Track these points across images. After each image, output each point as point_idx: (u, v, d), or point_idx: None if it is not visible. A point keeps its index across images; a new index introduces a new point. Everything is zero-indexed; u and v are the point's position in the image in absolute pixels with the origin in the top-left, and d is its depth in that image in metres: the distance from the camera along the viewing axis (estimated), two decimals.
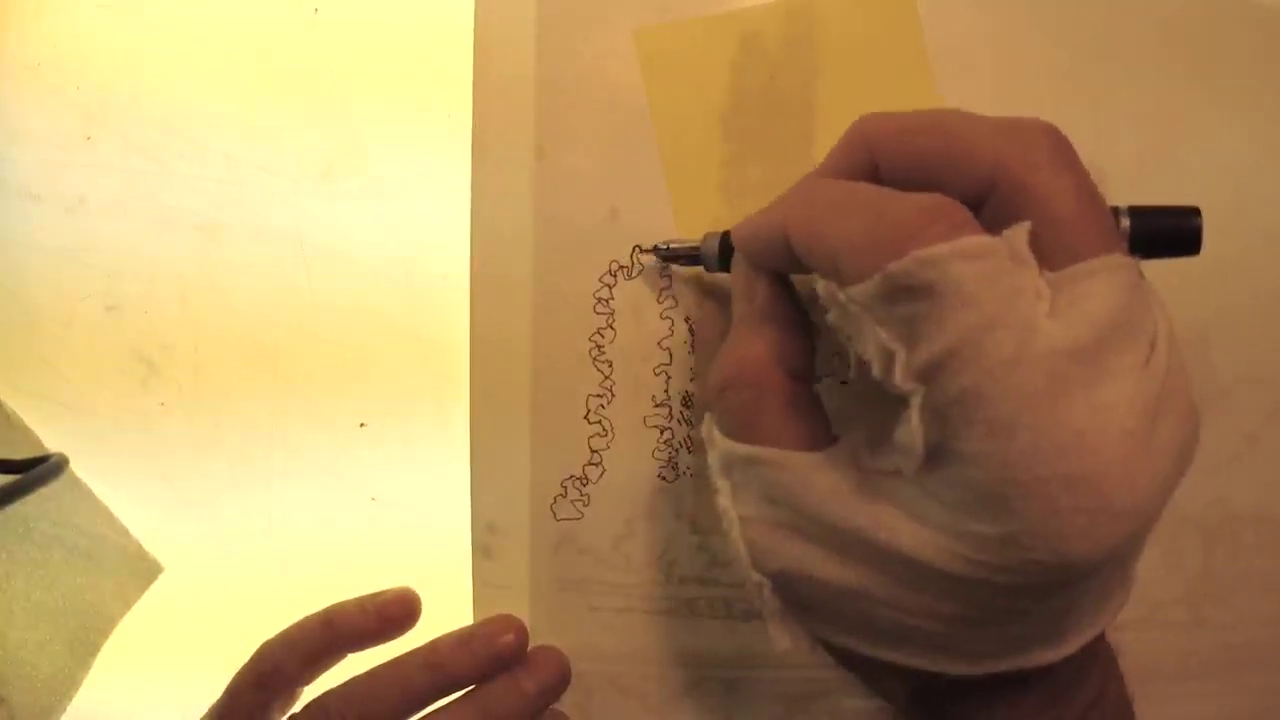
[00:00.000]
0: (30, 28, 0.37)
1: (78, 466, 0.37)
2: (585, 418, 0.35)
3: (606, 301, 0.34)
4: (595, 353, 0.35)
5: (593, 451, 0.35)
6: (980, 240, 0.21)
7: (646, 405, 0.35)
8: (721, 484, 0.26)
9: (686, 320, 0.34)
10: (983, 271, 0.20)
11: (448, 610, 0.36)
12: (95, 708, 0.39)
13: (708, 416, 0.27)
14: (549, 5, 0.33)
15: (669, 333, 0.34)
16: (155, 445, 0.38)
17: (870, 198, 0.23)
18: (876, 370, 0.22)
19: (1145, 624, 0.37)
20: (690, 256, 0.33)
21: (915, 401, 0.21)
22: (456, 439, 0.36)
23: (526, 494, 0.35)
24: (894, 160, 0.24)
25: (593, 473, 0.35)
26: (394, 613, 0.35)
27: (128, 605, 0.38)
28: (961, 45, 0.34)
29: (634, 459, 0.35)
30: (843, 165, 0.25)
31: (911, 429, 0.21)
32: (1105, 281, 0.21)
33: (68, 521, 0.38)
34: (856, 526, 0.23)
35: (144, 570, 0.39)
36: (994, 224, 0.22)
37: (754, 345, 0.26)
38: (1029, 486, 0.20)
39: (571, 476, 0.35)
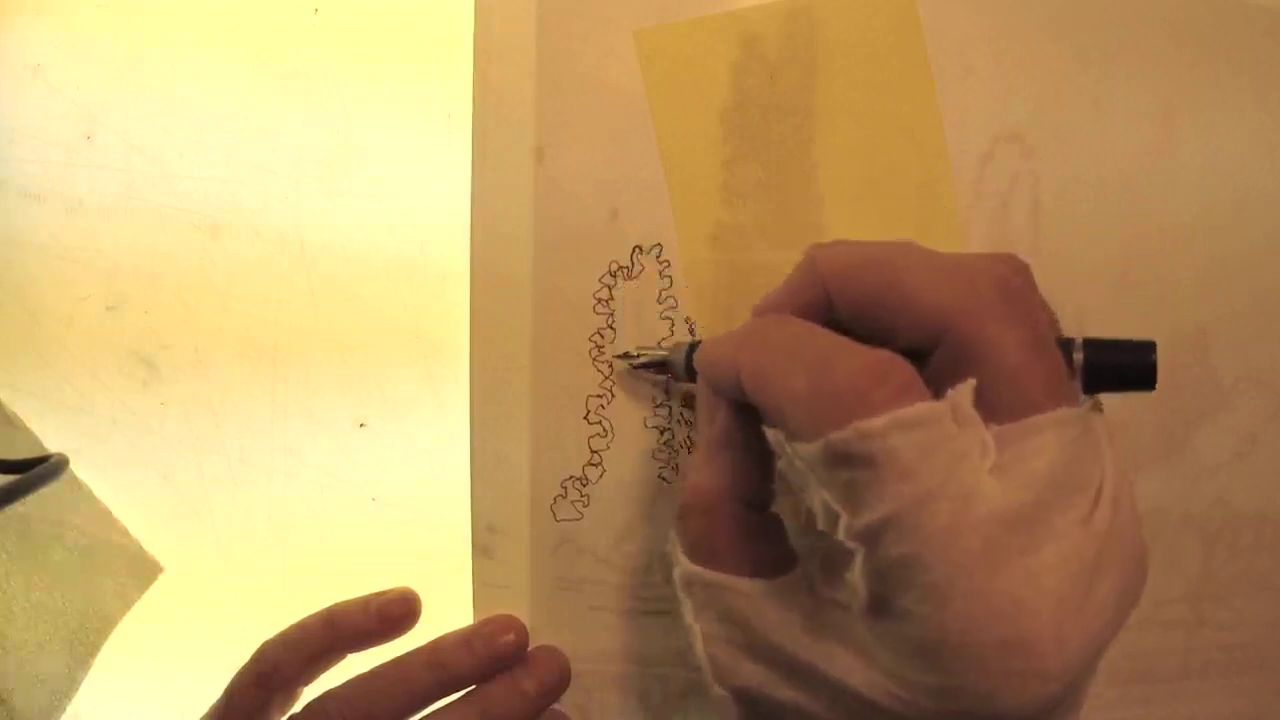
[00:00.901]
0: (30, 28, 0.37)
1: (78, 466, 0.37)
2: (585, 418, 0.35)
3: (606, 301, 0.34)
4: (595, 353, 0.35)
5: (593, 452, 0.35)
6: (921, 409, 0.21)
7: (646, 406, 0.35)
8: (684, 600, 0.27)
9: (686, 320, 0.34)
10: (922, 441, 0.21)
11: (448, 610, 0.36)
12: (95, 708, 0.39)
13: (672, 533, 0.28)
14: (549, 5, 0.33)
15: (669, 333, 0.34)
16: (155, 445, 0.38)
17: (818, 352, 0.23)
18: (821, 524, 0.23)
19: (1145, 624, 0.37)
20: (660, 365, 0.33)
21: (857, 559, 0.22)
22: (456, 439, 0.36)
23: (526, 494, 0.35)
24: (844, 298, 0.24)
25: (593, 473, 0.35)
26: (394, 613, 0.35)
27: (128, 605, 0.38)
28: (961, 45, 0.34)
29: (634, 459, 0.35)
30: (798, 295, 0.26)
31: (857, 586, 0.22)
32: (1050, 439, 0.22)
33: (68, 521, 0.38)
34: (809, 659, 0.24)
35: (144, 570, 0.39)
36: (943, 371, 0.22)
37: (709, 473, 0.27)
38: (964, 649, 0.21)
39: (571, 477, 0.35)
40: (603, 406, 0.35)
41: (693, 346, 0.31)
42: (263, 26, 0.36)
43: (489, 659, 0.33)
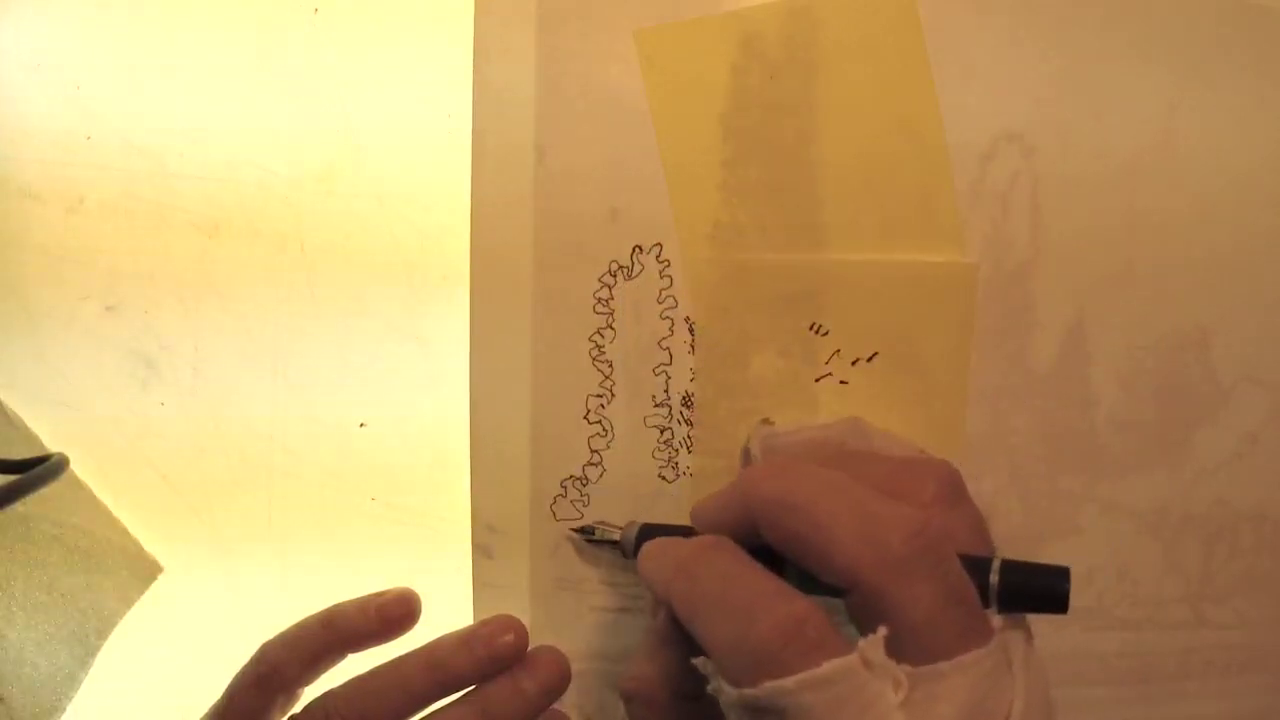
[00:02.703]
0: (30, 28, 0.37)
1: (78, 466, 0.37)
2: (585, 418, 0.35)
3: (606, 301, 0.34)
4: (595, 353, 0.35)
5: (593, 451, 0.35)
6: (830, 669, 0.23)
7: (646, 405, 0.35)
8: None
9: (686, 320, 0.34)
10: (830, 698, 0.23)
11: (448, 610, 0.36)
12: (95, 708, 0.39)
13: (622, 706, 0.30)
14: (549, 5, 0.33)
15: (669, 333, 0.34)
16: (155, 445, 0.38)
17: (741, 600, 0.25)
18: None
19: (1145, 624, 0.37)
20: (611, 542, 0.34)
21: None
22: (456, 439, 0.36)
23: (526, 494, 0.35)
24: (769, 532, 0.26)
25: (593, 473, 0.35)
26: (394, 613, 0.35)
27: (128, 605, 0.38)
28: (961, 45, 0.34)
29: (634, 459, 0.35)
30: (729, 515, 0.28)
31: None
32: (957, 683, 0.23)
33: (68, 521, 0.37)
34: None
35: (144, 570, 0.39)
36: (859, 611, 0.24)
37: (648, 667, 0.29)
38: None
39: (571, 476, 0.35)
40: (603, 406, 0.35)
41: (642, 531, 0.33)
42: (263, 26, 0.36)
43: (488, 659, 0.33)
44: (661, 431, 0.35)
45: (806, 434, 0.34)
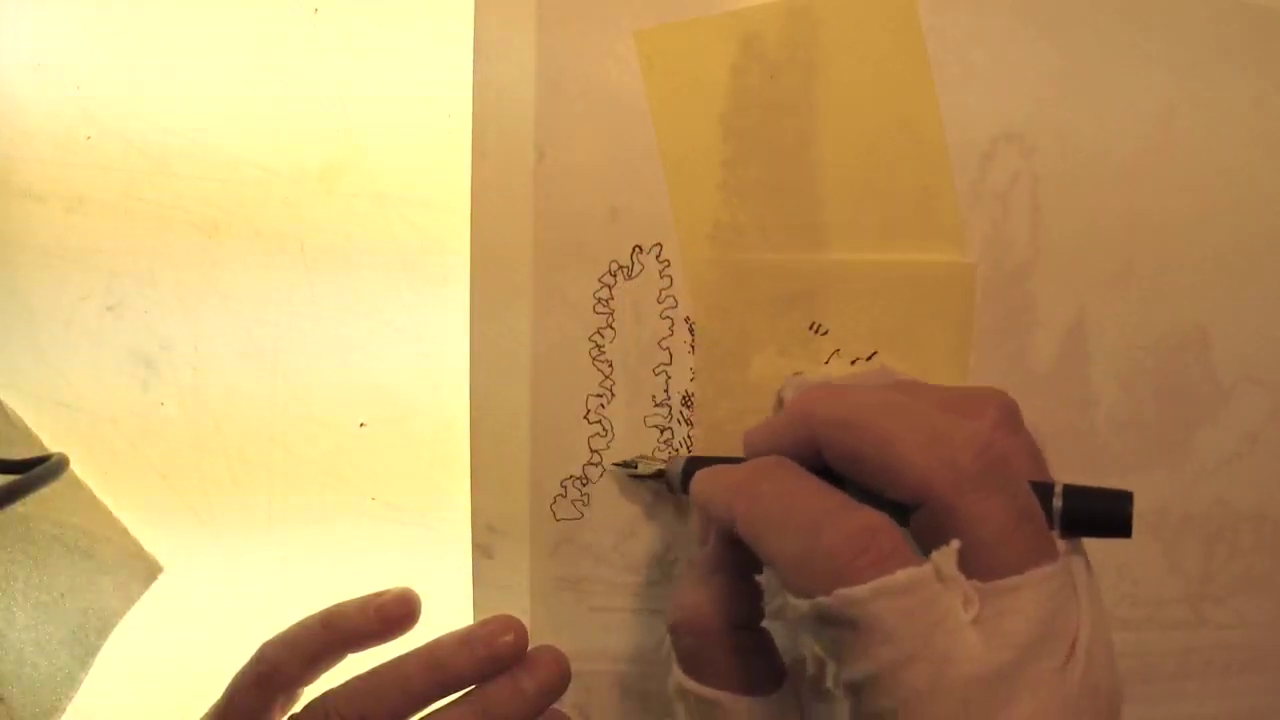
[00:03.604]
0: (30, 28, 0.37)
1: (78, 466, 0.37)
2: (585, 418, 0.35)
3: (606, 301, 0.34)
4: (595, 353, 0.35)
5: (593, 451, 0.35)
6: (903, 577, 0.22)
7: (646, 405, 0.35)
8: (676, 706, 0.28)
9: (686, 320, 0.34)
10: (903, 607, 0.22)
11: (448, 610, 0.36)
12: (95, 708, 0.39)
13: (666, 640, 0.29)
14: (549, 5, 0.33)
15: (669, 333, 0.34)
16: (155, 445, 0.38)
17: (808, 513, 0.24)
18: (811, 668, 0.25)
19: (1145, 624, 0.37)
20: (656, 476, 0.34)
21: (845, 705, 0.24)
22: (456, 438, 0.36)
23: (526, 494, 0.35)
24: (832, 451, 0.26)
25: (593, 473, 0.35)
26: (394, 613, 0.35)
27: (128, 605, 0.38)
28: (961, 45, 0.34)
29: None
30: (788, 438, 0.27)
31: (841, 718, 0.24)
32: (1029, 597, 0.23)
33: (68, 521, 0.37)
34: None
35: (144, 570, 0.39)
36: (927, 529, 0.24)
37: (700, 596, 0.28)
38: None
39: (571, 476, 0.35)
40: (603, 406, 0.35)
41: (689, 463, 0.32)
42: (263, 27, 0.36)
43: (488, 659, 0.33)
44: (661, 431, 0.35)
45: (839, 380, 0.33)
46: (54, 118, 0.37)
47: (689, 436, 0.35)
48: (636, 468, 0.34)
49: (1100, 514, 0.25)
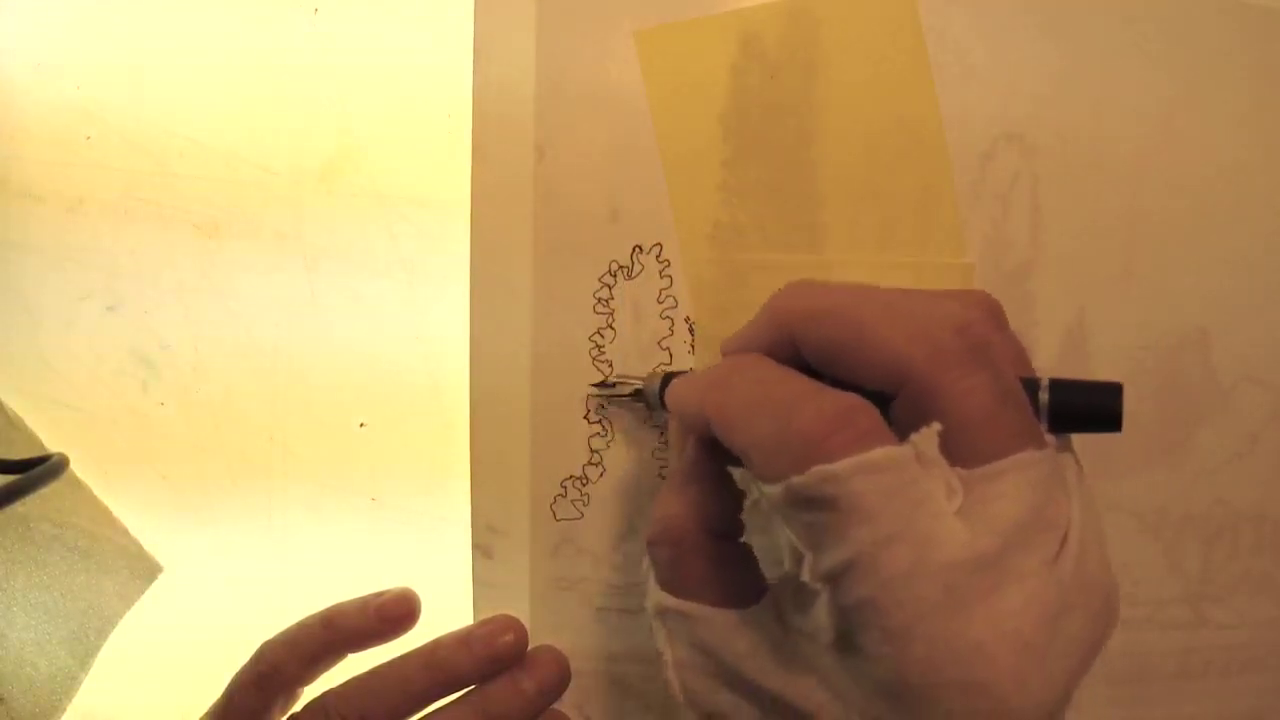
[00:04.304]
0: (30, 28, 0.37)
1: (78, 466, 0.37)
2: (585, 418, 0.35)
3: (606, 301, 0.34)
4: (595, 353, 0.35)
5: (593, 451, 0.35)
6: (884, 453, 0.21)
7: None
8: (656, 626, 0.27)
9: (686, 320, 0.34)
10: (883, 486, 0.21)
11: (448, 610, 0.36)
12: (95, 708, 0.39)
13: (645, 560, 0.28)
14: (549, 5, 0.33)
15: (669, 333, 0.34)
16: (155, 445, 0.38)
17: (782, 397, 0.23)
18: (787, 563, 0.24)
19: (1145, 624, 0.37)
20: (634, 393, 0.33)
21: (822, 597, 0.22)
22: (456, 439, 0.36)
23: (526, 494, 0.35)
24: (807, 344, 0.25)
25: (593, 473, 0.35)
26: (394, 613, 0.35)
27: (128, 605, 0.38)
28: (961, 45, 0.34)
29: (634, 459, 0.35)
30: (764, 336, 0.26)
31: (822, 621, 0.23)
32: (1014, 481, 0.22)
33: (68, 521, 0.37)
34: (778, 689, 0.24)
35: (144, 570, 0.39)
36: (907, 416, 0.22)
37: (677, 504, 0.27)
38: (925, 690, 0.21)
39: (571, 476, 0.35)
40: (603, 406, 0.35)
41: (667, 378, 0.31)
42: (263, 27, 0.36)
43: (487, 659, 0.33)
44: (661, 431, 0.35)
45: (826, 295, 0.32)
46: (54, 118, 0.37)
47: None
48: (614, 388, 0.34)
49: (1089, 407, 0.24)
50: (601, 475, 0.35)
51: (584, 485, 0.35)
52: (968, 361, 0.22)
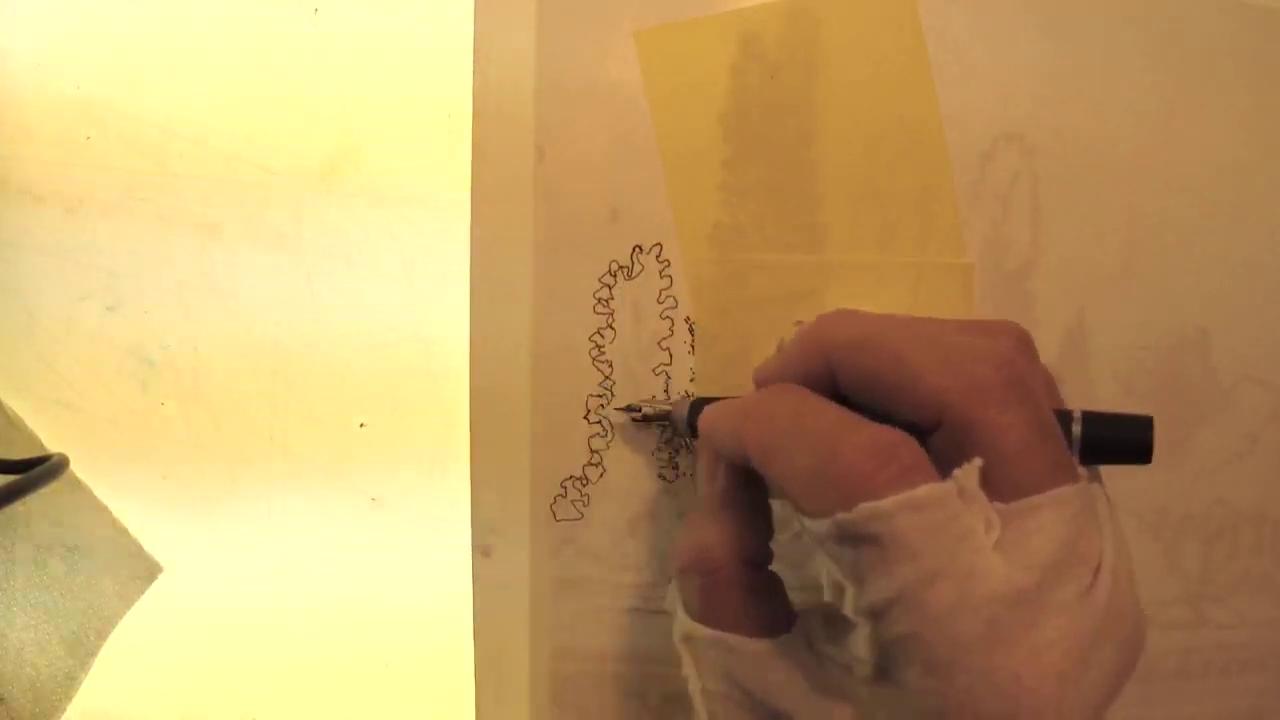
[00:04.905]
0: (30, 28, 0.37)
1: (78, 466, 0.37)
2: (585, 418, 0.35)
3: (606, 301, 0.34)
4: (595, 353, 0.35)
5: (593, 451, 0.35)
6: (927, 491, 0.21)
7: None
8: (684, 654, 0.27)
9: (686, 320, 0.34)
10: (927, 523, 0.21)
11: (448, 610, 0.36)
12: (95, 708, 0.39)
13: (671, 586, 0.28)
14: (549, 5, 0.33)
15: (669, 333, 0.34)
16: (155, 445, 0.38)
17: (823, 430, 0.23)
18: (828, 595, 0.24)
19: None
20: (662, 418, 0.33)
21: (863, 630, 0.23)
22: (456, 439, 0.36)
23: (526, 494, 0.35)
24: (846, 374, 0.25)
25: (593, 473, 0.35)
26: None
27: (128, 605, 0.38)
28: (961, 45, 0.34)
29: (634, 459, 0.35)
30: (800, 364, 0.26)
31: (860, 653, 0.23)
32: (1051, 517, 0.22)
33: (68, 521, 0.37)
34: (809, 719, 0.24)
35: (144, 570, 0.39)
36: (945, 451, 0.23)
37: (710, 533, 0.27)
38: None
39: (571, 476, 0.35)
40: (603, 406, 0.35)
41: (695, 403, 0.31)
42: (263, 27, 0.36)
43: None
44: (661, 431, 0.35)
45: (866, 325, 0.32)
46: (54, 118, 0.37)
47: (689, 437, 0.35)
48: (640, 411, 0.34)
49: (1120, 440, 0.25)
50: (601, 475, 0.35)
51: (584, 485, 0.35)
52: (1007, 396, 0.23)
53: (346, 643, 0.38)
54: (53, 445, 0.38)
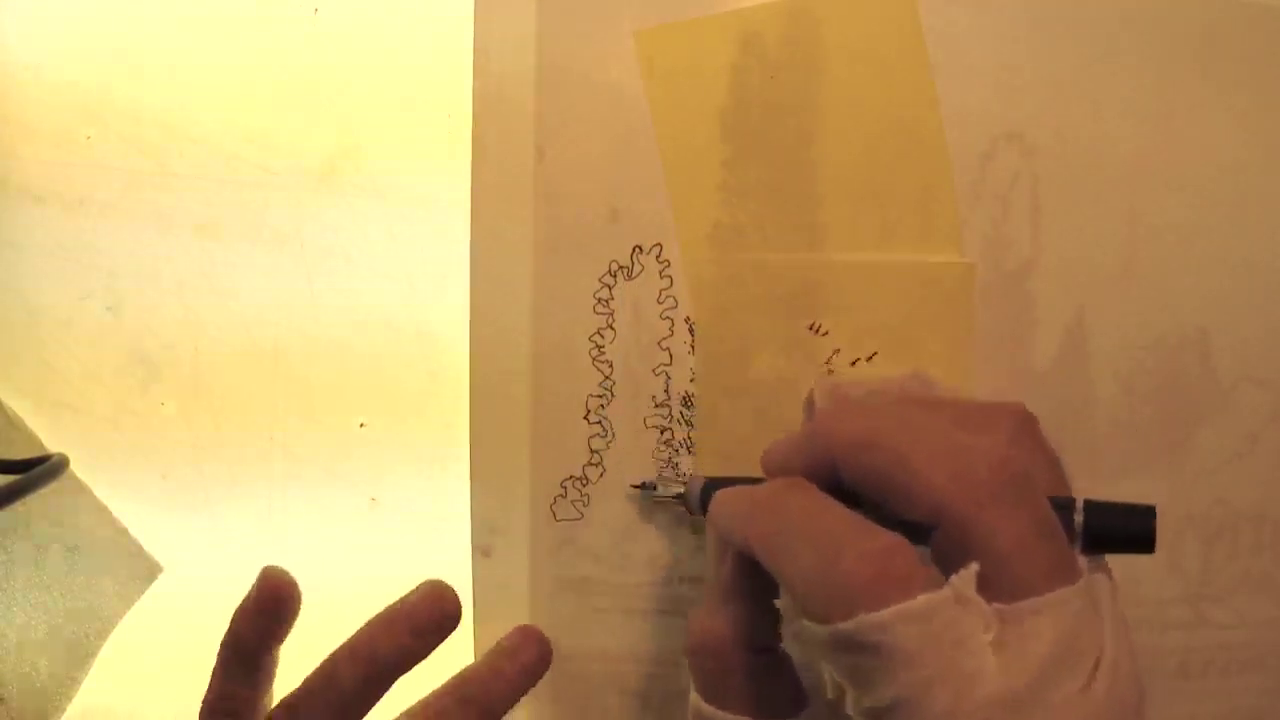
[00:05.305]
0: (30, 28, 0.37)
1: (78, 466, 0.37)
2: (585, 418, 0.35)
3: (606, 301, 0.34)
4: (595, 353, 0.35)
5: (593, 451, 0.35)
6: (924, 602, 0.22)
7: (646, 405, 0.35)
8: None
9: (686, 320, 0.34)
10: (924, 632, 0.22)
11: None
12: (95, 708, 0.39)
13: (686, 663, 0.29)
14: (549, 5, 0.33)
15: (669, 333, 0.34)
16: (155, 445, 0.38)
17: (827, 534, 0.24)
18: (829, 693, 0.25)
19: (1145, 624, 0.36)
20: (677, 498, 0.34)
21: None
22: (456, 439, 0.36)
23: (526, 494, 0.35)
24: (850, 472, 0.25)
25: (593, 473, 0.35)
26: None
27: (128, 605, 0.38)
28: (961, 45, 0.33)
29: (634, 459, 0.35)
30: (804, 456, 0.27)
31: None
32: (1049, 619, 0.22)
33: (68, 521, 0.38)
34: None
35: (144, 570, 0.39)
36: (946, 549, 0.23)
37: (717, 619, 0.28)
38: None
39: (571, 477, 0.35)
40: (603, 406, 0.35)
41: (707, 485, 0.32)
42: (263, 27, 0.36)
43: (412, 633, 0.32)
44: (661, 432, 0.35)
45: (870, 384, 0.33)
46: (54, 118, 0.37)
47: (689, 437, 0.35)
48: (656, 490, 0.34)
49: (1122, 530, 0.25)
50: (601, 475, 0.35)
51: (584, 485, 0.35)
52: (1006, 497, 0.23)
53: None
54: (53, 445, 0.38)
